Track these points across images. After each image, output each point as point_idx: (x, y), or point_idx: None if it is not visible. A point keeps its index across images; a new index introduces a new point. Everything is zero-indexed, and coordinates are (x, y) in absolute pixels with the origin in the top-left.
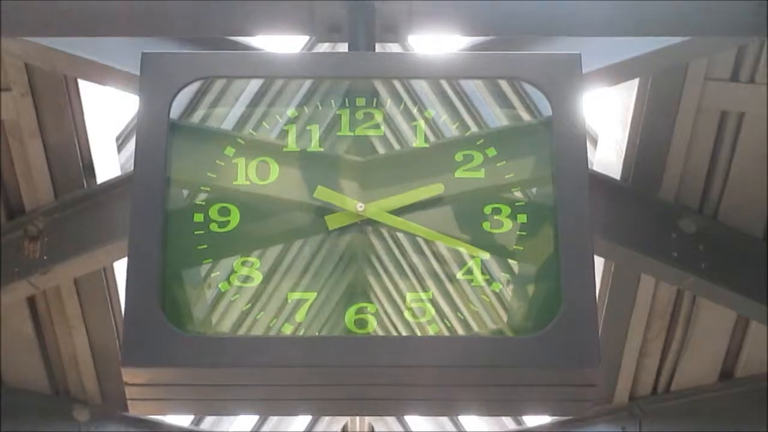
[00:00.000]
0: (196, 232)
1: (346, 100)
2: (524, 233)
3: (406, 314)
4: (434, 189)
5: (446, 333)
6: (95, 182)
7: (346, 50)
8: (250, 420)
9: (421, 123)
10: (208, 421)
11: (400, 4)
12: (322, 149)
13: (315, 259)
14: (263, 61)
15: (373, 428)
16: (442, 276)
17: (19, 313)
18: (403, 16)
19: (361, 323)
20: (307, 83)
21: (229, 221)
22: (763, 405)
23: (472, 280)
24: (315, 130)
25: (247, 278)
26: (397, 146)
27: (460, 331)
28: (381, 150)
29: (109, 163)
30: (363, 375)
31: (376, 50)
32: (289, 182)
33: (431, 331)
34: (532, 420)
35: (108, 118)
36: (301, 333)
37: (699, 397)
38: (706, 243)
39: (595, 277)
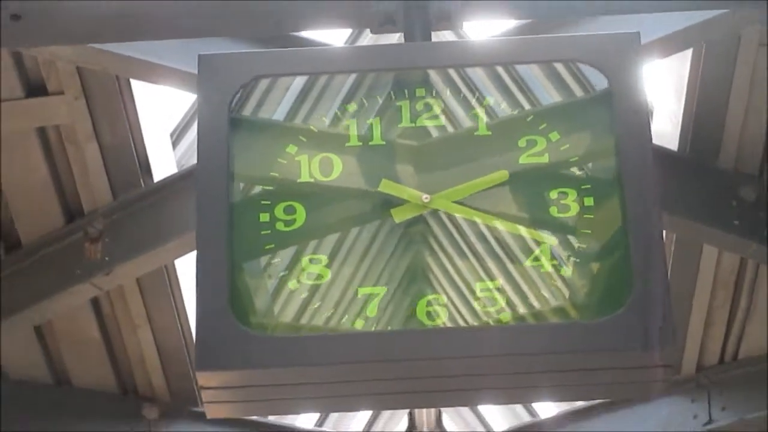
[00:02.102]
0: (263, 232)
1: (406, 91)
2: (591, 216)
3: (476, 304)
4: (499, 176)
5: (518, 321)
6: (152, 181)
7: (399, 41)
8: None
9: (481, 111)
10: None
11: None
12: (384, 142)
13: (383, 253)
14: (321, 57)
15: (440, 414)
16: (510, 264)
17: (84, 315)
18: (457, 3)
19: (432, 315)
20: (365, 76)
21: (295, 219)
22: None
23: (540, 267)
24: (376, 124)
25: (315, 275)
26: (458, 135)
27: (532, 318)
28: (443, 140)
29: (165, 160)
30: (437, 367)
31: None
32: (353, 177)
33: (502, 320)
34: None
35: (161, 116)
36: (373, 328)
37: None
38: (767, 210)
39: (665, 255)
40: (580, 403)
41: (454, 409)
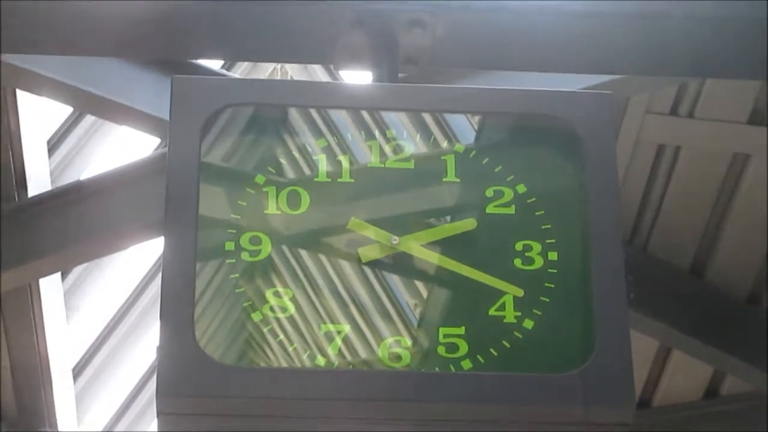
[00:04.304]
0: (227, 261)
1: (377, 131)
2: (555, 271)
3: (440, 349)
4: (467, 224)
5: (480, 370)
6: (26, 195)
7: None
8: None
9: (452, 157)
10: (123, 424)
11: (424, 36)
12: (353, 180)
13: (348, 291)
14: (294, 89)
15: None
16: (474, 312)
17: None
18: (426, 48)
19: (395, 357)
20: (337, 113)
21: (260, 250)
22: None
23: (504, 317)
24: (345, 161)
25: (279, 309)
26: (427, 180)
27: (494, 368)
28: (412, 183)
29: (41, 174)
30: (396, 409)
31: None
32: (321, 213)
33: (464, 367)
34: None
35: (41, 129)
36: (334, 365)
37: None
38: (635, 274)
39: (628, 314)
40: None
41: None
